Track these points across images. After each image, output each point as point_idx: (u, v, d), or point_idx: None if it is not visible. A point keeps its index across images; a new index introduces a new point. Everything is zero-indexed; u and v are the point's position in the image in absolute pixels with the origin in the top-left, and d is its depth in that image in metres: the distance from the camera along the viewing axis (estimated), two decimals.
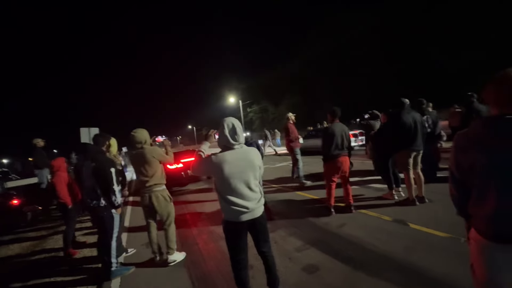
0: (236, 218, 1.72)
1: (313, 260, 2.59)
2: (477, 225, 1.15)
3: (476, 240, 1.16)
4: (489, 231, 1.10)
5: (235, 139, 1.71)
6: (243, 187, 1.71)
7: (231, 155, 1.70)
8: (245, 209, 1.70)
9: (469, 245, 1.23)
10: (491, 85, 1.10)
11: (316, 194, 4.94)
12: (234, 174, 1.68)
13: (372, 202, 4.07)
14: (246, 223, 1.74)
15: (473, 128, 1.13)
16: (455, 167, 1.20)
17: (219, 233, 3.65)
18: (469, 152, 1.11)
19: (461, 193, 1.22)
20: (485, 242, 1.11)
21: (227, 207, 1.72)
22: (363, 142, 10.05)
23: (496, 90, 1.08)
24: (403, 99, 3.80)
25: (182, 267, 2.81)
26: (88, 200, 2.67)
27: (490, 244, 1.09)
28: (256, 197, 1.78)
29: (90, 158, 2.70)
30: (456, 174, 1.21)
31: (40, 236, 4.69)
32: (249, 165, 1.74)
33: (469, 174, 1.13)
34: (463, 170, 1.16)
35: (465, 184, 1.18)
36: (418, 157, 3.76)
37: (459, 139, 1.18)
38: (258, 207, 1.78)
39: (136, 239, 3.74)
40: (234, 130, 1.72)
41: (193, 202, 5.58)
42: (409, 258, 2.39)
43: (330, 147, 3.61)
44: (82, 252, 3.62)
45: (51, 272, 3.14)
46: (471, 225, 1.22)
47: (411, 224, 3.10)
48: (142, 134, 2.86)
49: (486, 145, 1.06)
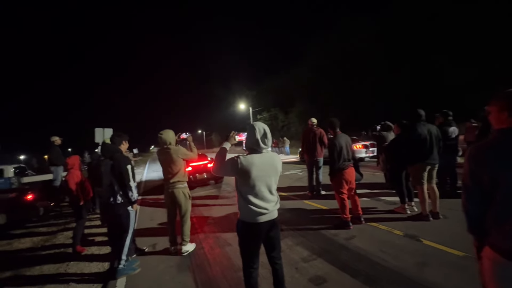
0: (254, 219, 1.74)
1: (320, 272, 2.52)
2: (496, 242, 1.10)
3: (492, 258, 1.10)
4: (509, 248, 1.04)
5: (265, 143, 1.78)
6: (265, 190, 1.77)
7: (259, 159, 1.75)
8: (265, 210, 1.74)
9: (481, 264, 1.17)
10: (507, 99, 1.10)
11: (324, 204, 4.85)
12: (259, 177, 1.73)
13: (383, 216, 3.95)
14: (263, 224, 1.76)
15: (495, 141, 1.10)
16: (470, 180, 1.15)
17: (225, 238, 3.63)
18: (489, 166, 1.08)
19: (476, 207, 1.16)
20: (503, 261, 1.05)
21: (247, 207, 1.74)
22: (374, 154, 9.86)
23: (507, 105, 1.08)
24: (419, 110, 3.71)
25: (187, 271, 2.80)
26: (106, 197, 2.78)
27: (509, 263, 1.03)
28: (275, 199, 1.83)
29: (109, 157, 2.82)
30: (472, 188, 1.15)
31: (50, 232, 4.80)
32: (274, 169, 1.81)
33: (488, 188, 1.08)
34: (481, 183, 1.11)
35: (482, 198, 1.13)
36: (433, 171, 3.64)
37: (477, 151, 1.14)
38: (275, 210, 1.83)
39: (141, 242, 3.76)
40: (265, 135, 1.78)
41: (201, 206, 5.59)
42: (420, 275, 2.29)
43: (339, 160, 3.56)
44: (90, 250, 3.67)
45: (59, 267, 3.20)
46: (484, 243, 1.16)
47: (424, 240, 2.98)
48: (168, 135, 3.16)
49: (508, 159, 1.02)
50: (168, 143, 3.14)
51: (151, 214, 5.20)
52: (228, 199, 6.15)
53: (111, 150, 2.89)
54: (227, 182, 8.47)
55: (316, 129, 5.66)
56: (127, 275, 2.77)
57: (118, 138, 3.02)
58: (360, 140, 10.57)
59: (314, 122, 5.74)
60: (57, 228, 4.99)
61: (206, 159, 8.36)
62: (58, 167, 6.15)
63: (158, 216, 4.90)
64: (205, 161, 8.17)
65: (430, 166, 3.59)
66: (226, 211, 5.01)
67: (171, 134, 3.21)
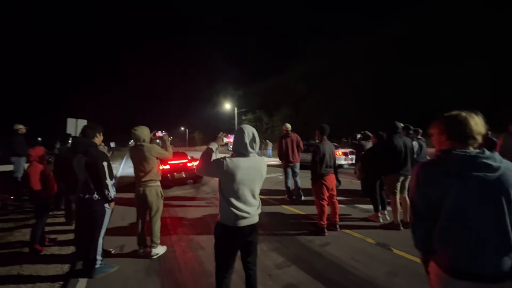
0: (234, 222, 1.71)
1: (293, 280, 2.49)
2: (440, 259, 1.13)
3: (437, 274, 1.13)
4: (451, 265, 1.08)
5: (253, 148, 1.77)
6: (248, 193, 1.75)
7: (245, 162, 1.73)
8: (247, 214, 1.72)
9: (429, 279, 1.20)
10: (445, 123, 1.18)
11: (302, 209, 4.88)
12: (244, 181, 1.71)
13: (357, 223, 4.03)
14: (244, 229, 1.74)
15: (439, 161, 1.15)
16: (417, 197, 1.17)
17: (199, 241, 3.51)
18: (434, 184, 1.11)
19: (422, 224, 1.17)
20: (446, 277, 1.09)
21: (228, 210, 1.70)
22: (352, 161, 10.15)
23: (448, 127, 1.17)
24: (397, 123, 3.85)
25: (155, 276, 2.65)
26: (81, 194, 2.59)
27: (450, 280, 1.07)
28: (257, 204, 1.82)
29: (82, 151, 2.60)
30: (418, 205, 1.17)
31: (6, 228, 4.38)
32: (258, 174, 1.79)
33: (434, 206, 1.11)
34: (427, 201, 1.13)
35: (428, 215, 1.15)
36: (405, 182, 3.78)
37: (423, 169, 1.17)
38: (257, 214, 1.81)
39: (109, 242, 3.53)
40: (254, 139, 1.77)
41: (176, 207, 5.40)
42: (390, 285, 2.34)
43: (321, 166, 3.59)
44: (49, 250, 3.38)
45: (11, 269, 2.90)
46: (429, 259, 1.20)
47: (394, 249, 3.06)
48: (142, 131, 3.01)
49: (455, 176, 1.06)
50: (142, 140, 2.99)
51: (123, 212, 4.92)
52: (205, 200, 6.00)
53: (85, 144, 2.66)
54: (206, 183, 8.29)
55: (291, 134, 5.68)
56: (104, 274, 2.64)
57: (90, 131, 2.76)
58: (340, 147, 10.83)
59: (288, 128, 5.74)
60: (14, 224, 4.57)
61: (186, 158, 8.13)
62: (21, 158, 5.65)
63: (130, 215, 4.64)
64: (185, 159, 7.94)
65: (403, 177, 3.72)
66: (202, 213, 4.87)
67: (146, 131, 3.05)
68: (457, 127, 1.14)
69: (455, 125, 1.14)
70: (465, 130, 1.11)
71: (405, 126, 4.65)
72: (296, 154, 5.58)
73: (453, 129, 1.15)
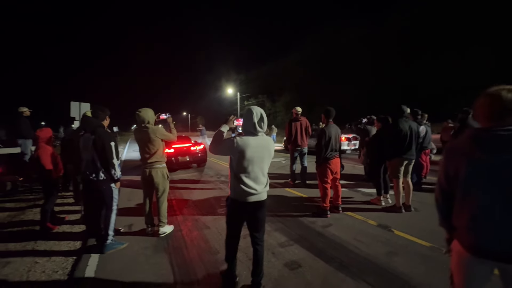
0: (243, 198, 1.84)
1: (295, 257, 2.58)
2: (459, 236, 1.16)
3: (457, 251, 1.16)
4: (469, 243, 1.10)
5: (261, 127, 1.87)
6: (258, 171, 1.86)
7: (255, 141, 1.83)
8: (254, 191, 1.84)
9: (451, 256, 1.23)
10: (482, 100, 1.13)
11: (305, 192, 4.95)
12: (253, 158, 1.82)
13: (359, 206, 4.10)
14: (251, 204, 1.86)
15: (459, 139, 1.18)
16: (443, 176, 1.21)
17: (204, 221, 3.61)
18: (454, 161, 1.14)
19: (446, 203, 1.22)
20: (465, 255, 1.11)
21: (238, 187, 1.83)
22: (356, 147, 10.15)
23: (485, 105, 1.11)
24: (403, 107, 3.79)
25: (163, 252, 2.76)
26: (87, 173, 2.66)
27: (470, 257, 1.10)
28: (265, 182, 1.93)
29: (91, 131, 2.65)
30: (444, 183, 1.21)
31: (18, 208, 4.53)
32: (267, 152, 1.90)
33: (454, 183, 1.14)
34: (450, 178, 1.17)
35: (451, 194, 1.18)
36: (409, 166, 3.79)
37: (448, 149, 1.22)
38: (265, 191, 1.93)
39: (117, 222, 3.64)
40: (262, 119, 1.87)
41: (181, 189, 5.50)
42: (390, 264, 2.41)
43: (326, 150, 3.59)
44: (61, 228, 3.51)
45: (25, 245, 3.04)
46: (452, 237, 1.22)
47: (395, 230, 3.13)
48: (146, 113, 3.01)
49: (468, 155, 1.08)
50: (146, 121, 3.01)
51: (129, 194, 5.06)
52: (209, 183, 6.10)
53: (93, 124, 2.72)
54: (210, 166, 8.39)
55: (301, 118, 5.65)
56: (115, 250, 2.77)
57: (101, 113, 2.84)
58: (343, 133, 10.80)
59: (298, 111, 5.69)
60: (26, 204, 4.72)
61: (190, 142, 8.17)
62: (27, 140, 5.72)
63: (136, 196, 4.76)
64: (189, 143, 7.99)
65: (407, 161, 3.72)
66: (207, 195, 4.97)
67: (150, 113, 3.06)
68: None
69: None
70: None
71: (414, 110, 4.58)
72: (304, 138, 5.60)
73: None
